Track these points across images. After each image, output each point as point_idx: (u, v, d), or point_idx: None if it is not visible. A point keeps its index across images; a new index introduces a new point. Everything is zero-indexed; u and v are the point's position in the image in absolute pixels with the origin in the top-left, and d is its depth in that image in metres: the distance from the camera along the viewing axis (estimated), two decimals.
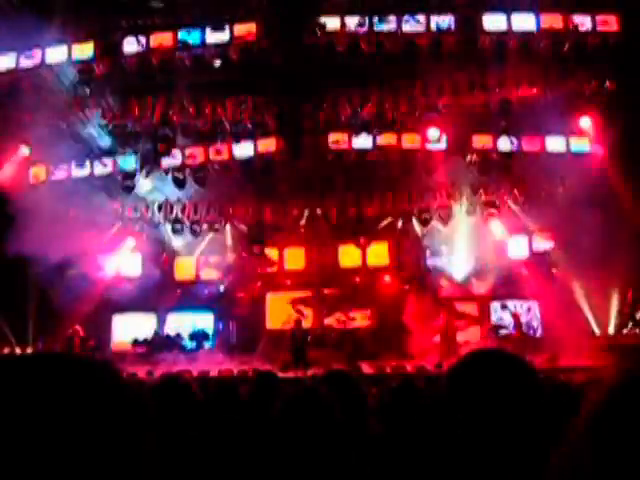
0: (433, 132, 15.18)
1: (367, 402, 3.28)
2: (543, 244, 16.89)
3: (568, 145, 15.40)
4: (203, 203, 17.15)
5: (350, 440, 2.57)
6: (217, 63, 14.41)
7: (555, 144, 15.43)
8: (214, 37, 14.81)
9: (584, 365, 11.33)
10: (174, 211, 17.25)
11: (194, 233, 17.48)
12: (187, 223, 17.29)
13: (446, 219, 17.02)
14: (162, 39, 14.92)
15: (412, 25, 14.57)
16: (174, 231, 17.47)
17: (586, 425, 0.85)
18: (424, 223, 17.20)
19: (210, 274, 17.90)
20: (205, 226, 17.59)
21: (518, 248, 17.12)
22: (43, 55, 14.98)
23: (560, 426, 0.98)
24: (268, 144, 15.81)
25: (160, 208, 17.27)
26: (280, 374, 7.52)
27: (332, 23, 14.59)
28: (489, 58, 14.55)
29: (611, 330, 15.70)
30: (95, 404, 0.89)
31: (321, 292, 17.33)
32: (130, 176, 16.08)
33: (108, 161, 16.10)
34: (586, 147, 15.37)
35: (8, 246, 13.97)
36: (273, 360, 14.57)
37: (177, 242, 17.93)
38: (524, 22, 14.55)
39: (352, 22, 14.72)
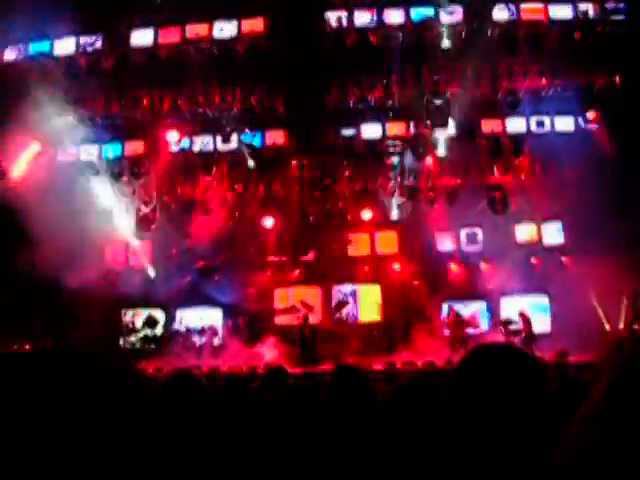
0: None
1: (377, 398, 3.28)
2: (552, 233, 16.79)
3: (577, 125, 15.41)
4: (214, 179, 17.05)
5: (359, 436, 2.57)
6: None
7: (564, 124, 15.43)
8: (222, 32, 14.89)
9: (594, 361, 11.25)
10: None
11: (206, 212, 17.45)
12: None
13: (452, 199, 16.88)
14: (170, 33, 15.03)
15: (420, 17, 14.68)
16: (185, 212, 17.45)
17: (598, 406, 0.85)
18: (430, 202, 17.09)
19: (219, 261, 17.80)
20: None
21: (527, 236, 17.05)
22: (51, 46, 15.12)
23: (569, 420, 0.97)
24: (276, 136, 15.84)
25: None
26: (290, 369, 7.53)
27: (341, 18, 14.69)
28: (497, 48, 14.60)
29: (621, 325, 15.59)
30: (109, 398, 0.89)
31: (330, 285, 17.30)
32: None
33: (116, 146, 16.19)
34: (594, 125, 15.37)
35: (15, 241, 14.06)
36: (283, 355, 14.64)
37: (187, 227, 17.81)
38: (533, 12, 14.56)
39: (360, 16, 14.79)
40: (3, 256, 14.70)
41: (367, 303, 17.19)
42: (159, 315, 17.20)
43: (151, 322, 16.96)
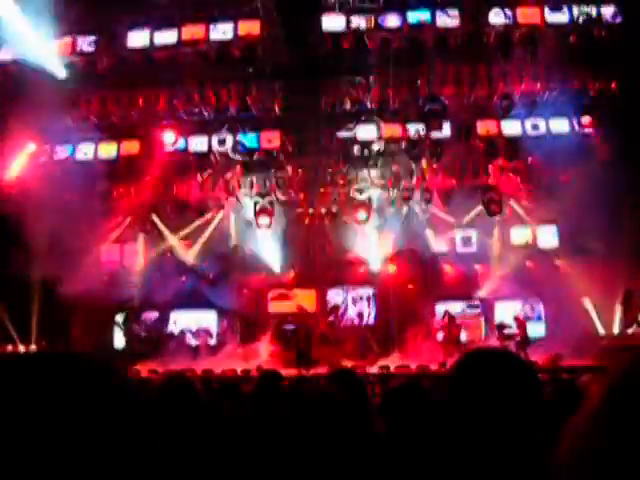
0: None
1: (371, 401, 3.28)
2: (547, 237, 16.79)
3: (572, 128, 15.42)
4: (209, 179, 17.01)
5: (353, 439, 2.57)
6: None
7: (560, 126, 15.47)
8: (218, 34, 14.87)
9: (588, 365, 11.29)
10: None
11: (201, 213, 17.37)
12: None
13: (447, 201, 16.84)
14: (166, 35, 15.00)
15: (417, 19, 14.70)
16: (180, 212, 17.38)
17: (592, 416, 0.85)
18: (425, 203, 17.02)
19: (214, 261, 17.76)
20: (210, 214, 17.54)
21: (522, 239, 17.06)
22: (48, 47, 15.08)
23: (563, 425, 0.97)
24: (272, 137, 15.83)
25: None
26: (284, 372, 7.52)
27: (337, 21, 14.69)
28: (493, 52, 14.63)
29: (616, 330, 15.60)
30: (98, 403, 0.89)
31: (324, 289, 17.29)
32: None
33: (112, 146, 16.14)
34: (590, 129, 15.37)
35: (12, 242, 14.00)
36: (278, 357, 14.64)
37: (183, 229, 17.82)
38: (529, 16, 14.59)
39: (357, 19, 14.79)
40: None
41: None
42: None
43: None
